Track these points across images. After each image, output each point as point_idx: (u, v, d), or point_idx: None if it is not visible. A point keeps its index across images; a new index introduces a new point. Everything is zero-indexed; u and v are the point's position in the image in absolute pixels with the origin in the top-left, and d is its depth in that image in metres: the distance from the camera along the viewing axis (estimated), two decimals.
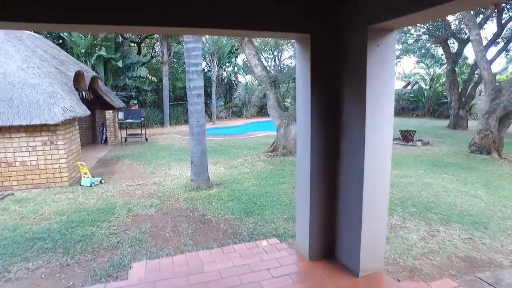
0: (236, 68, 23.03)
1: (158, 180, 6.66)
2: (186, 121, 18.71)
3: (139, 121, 11.42)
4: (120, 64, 14.74)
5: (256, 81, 23.57)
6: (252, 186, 6.23)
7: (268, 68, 9.38)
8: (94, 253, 3.62)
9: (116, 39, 15.28)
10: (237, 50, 21.66)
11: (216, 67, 18.76)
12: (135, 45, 19.70)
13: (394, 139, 12.37)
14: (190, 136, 5.87)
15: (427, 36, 18.30)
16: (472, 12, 9.28)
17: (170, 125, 17.64)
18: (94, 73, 10.06)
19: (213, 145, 10.88)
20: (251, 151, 9.66)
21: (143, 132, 12.13)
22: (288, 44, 9.09)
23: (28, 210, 4.98)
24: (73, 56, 14.43)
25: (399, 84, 35.62)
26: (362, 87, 2.49)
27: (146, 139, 12.13)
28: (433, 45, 19.92)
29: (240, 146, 10.71)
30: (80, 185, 6.33)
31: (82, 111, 6.56)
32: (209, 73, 19.75)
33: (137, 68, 16.83)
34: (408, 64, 31.29)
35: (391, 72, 2.55)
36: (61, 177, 6.16)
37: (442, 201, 5.36)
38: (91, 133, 11.94)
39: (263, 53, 13.82)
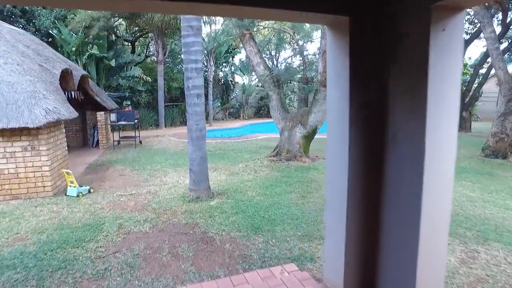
0: (233, 68, 22.44)
1: (153, 189, 6.03)
2: (182, 123, 18.09)
3: (132, 123, 10.78)
4: (113, 63, 14.07)
5: (254, 81, 23.09)
6: (257, 195, 5.64)
7: (270, 66, 8.78)
8: (75, 284, 3.00)
9: (108, 37, 14.61)
10: (234, 49, 21.10)
11: (213, 67, 18.15)
12: (129, 44, 19.03)
13: None
14: (189, 140, 5.26)
15: None
16: (485, 7, 8.80)
17: (165, 126, 17.00)
18: (84, 72, 9.40)
19: (211, 149, 10.26)
20: (253, 156, 9.07)
21: (137, 134, 11.48)
22: (292, 41, 8.52)
23: (2, 227, 4.32)
24: (63, 54, 13.76)
25: None
26: (421, 85, 1.90)
27: (140, 142, 11.49)
28: None
29: (240, 149, 10.11)
30: (65, 195, 5.68)
31: (68, 112, 5.92)
32: (206, 73, 19.15)
33: (131, 68, 16.17)
34: None
35: (458, 65, 1.97)
36: (44, 186, 5.51)
37: (470, 214, 4.81)
38: (82, 136, 11.26)
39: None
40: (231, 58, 21.71)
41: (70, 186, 5.66)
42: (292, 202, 5.32)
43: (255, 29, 8.32)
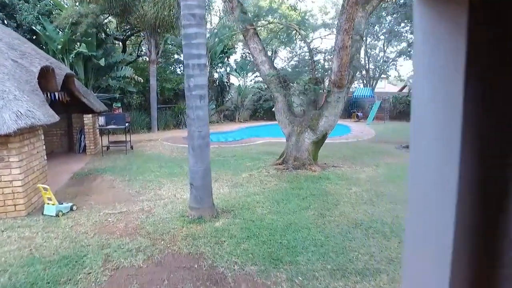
0: (228, 68, 21.65)
1: (146, 206, 5.19)
2: (176, 126, 17.21)
3: (123, 127, 9.89)
4: (102, 62, 13.14)
5: (250, 82, 22.31)
6: (269, 213, 4.85)
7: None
8: None
9: (98, 35, 13.68)
10: (229, 49, 20.33)
11: (208, 67, 17.32)
12: (120, 43, 18.10)
13: (406, 147, 11.23)
14: (190, 150, 4.45)
15: None
16: None
17: (158, 130, 16.10)
18: (69, 71, 8.51)
19: None
20: (256, 163, 8.28)
21: (128, 139, 10.61)
22: (299, 37, 7.77)
23: None
24: (48, 52, 12.80)
25: (394, 88, 35.02)
26: None
27: (132, 147, 10.61)
28: None
29: (240, 156, 9.31)
30: (42, 214, 4.81)
31: (46, 116, 5.06)
32: None
33: (122, 68, 15.26)
34: (405, 67, 30.51)
35: None
36: (15, 205, 4.63)
37: None
38: (67, 141, 10.34)
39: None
40: (226, 59, 20.93)
41: (48, 203, 4.79)
42: (311, 222, 4.54)
43: (259, 24, 7.54)
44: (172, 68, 20.05)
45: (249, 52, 7.63)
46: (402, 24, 18.51)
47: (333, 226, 4.41)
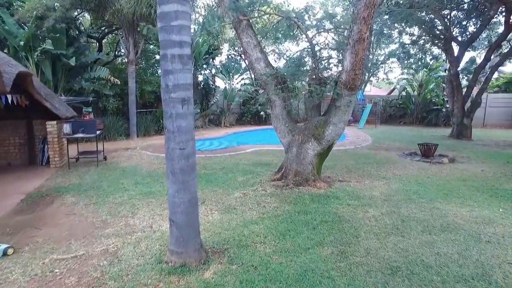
0: (214, 70, 20.44)
1: (112, 244, 3.94)
2: (157, 132, 15.84)
3: (93, 135, 8.53)
4: (73, 62, 11.70)
5: (237, 85, 21.12)
6: (274, 253, 3.69)
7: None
8: None
9: (68, 31, 12.23)
10: (215, 50, 19.14)
11: (192, 69, 16.07)
12: (95, 41, 16.64)
13: (410, 154, 10.34)
14: (168, 175, 3.24)
15: (427, 37, 16.70)
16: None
17: (137, 136, 14.71)
18: (22, 69, 7.13)
19: None
20: (249, 178, 7.11)
21: (101, 149, 9.26)
22: (299, 32, 6.67)
23: None
24: (8, 50, 11.31)
25: (380, 91, 34.57)
26: None
27: (105, 158, 9.26)
28: (432, 47, 18.34)
29: (230, 168, 8.12)
30: None
31: None
32: None
33: (97, 68, 13.83)
34: (394, 69, 30.03)
35: None
36: None
37: None
38: (28, 151, 8.89)
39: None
40: (211, 60, 19.72)
41: None
42: (331, 266, 3.41)
43: (255, 14, 6.42)
44: (153, 70, 18.68)
45: (241, 48, 6.48)
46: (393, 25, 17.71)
47: (363, 272, 3.29)
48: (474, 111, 15.71)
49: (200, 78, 19.70)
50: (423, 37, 17.17)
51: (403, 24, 15.34)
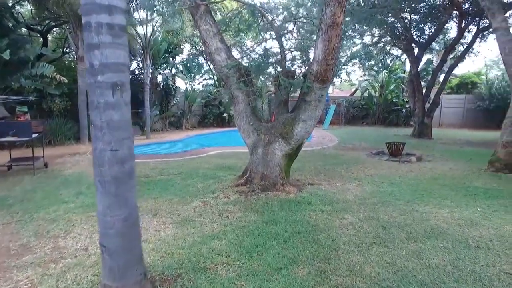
0: (174, 70, 19.40)
1: (25, 281, 2.99)
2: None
3: (27, 138, 7.34)
4: (6, 55, 10.25)
5: (198, 86, 20.22)
6: (239, 278, 2.98)
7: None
8: None
9: (1, 21, 10.75)
10: (175, 48, 18.14)
11: (150, 68, 14.99)
12: (39, 35, 15.03)
13: (377, 154, 10.12)
14: (97, 186, 2.42)
15: (388, 38, 16.86)
16: None
17: (89, 140, 13.34)
18: None
19: (148, 173, 7.32)
20: (210, 184, 6.36)
21: (39, 154, 8.05)
22: (265, 22, 6.04)
23: None
24: None
25: (345, 93, 35.11)
26: None
27: (46, 165, 8.05)
28: (392, 49, 18.60)
29: (189, 174, 7.30)
30: None
31: None
32: (141, 76, 15.93)
33: (40, 65, 12.35)
34: (356, 71, 30.43)
35: None
36: None
37: None
38: None
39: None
40: (171, 59, 18.69)
41: None
42: None
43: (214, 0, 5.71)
44: None
45: (200, 37, 5.75)
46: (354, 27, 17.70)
47: None
48: (434, 110, 16.07)
49: (160, 78, 18.61)
50: (384, 39, 17.34)
51: (364, 26, 15.33)
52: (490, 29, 14.76)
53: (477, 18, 14.64)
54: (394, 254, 3.43)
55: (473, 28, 15.21)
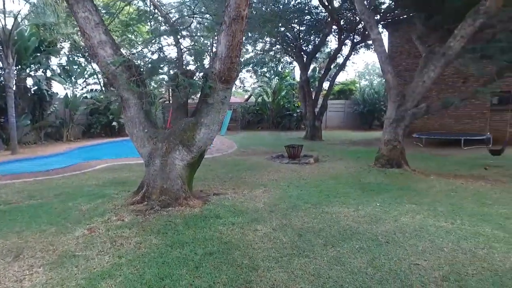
0: (49, 72, 16.59)
1: None
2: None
3: None
4: None
5: (82, 91, 17.69)
6: None
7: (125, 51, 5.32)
8: None
9: None
10: (50, 46, 15.55)
11: (14, 67, 12.39)
12: None
13: (277, 157, 10.30)
14: None
15: (280, 46, 17.71)
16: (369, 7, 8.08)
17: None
18: None
19: (10, 198, 5.76)
20: (99, 203, 5.29)
21: None
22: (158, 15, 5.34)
23: None
24: None
25: (238, 99, 35.85)
26: None
27: None
28: (283, 56, 19.63)
29: (71, 194, 6.02)
30: None
31: None
32: (0, 78, 13.05)
33: None
34: (249, 78, 31.38)
35: None
36: None
37: (489, 261, 3.03)
38: None
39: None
40: (45, 59, 15.92)
41: None
42: None
43: None
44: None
45: (78, 27, 4.70)
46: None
47: None
48: (323, 114, 17.46)
49: (30, 81, 15.63)
50: (275, 47, 18.17)
51: (257, 34, 15.75)
52: (362, 44, 16.97)
53: (351, 34, 16.58)
54: (316, 264, 3.19)
55: (349, 42, 17.16)
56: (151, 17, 5.45)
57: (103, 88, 17.87)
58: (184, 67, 5.19)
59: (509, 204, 5.21)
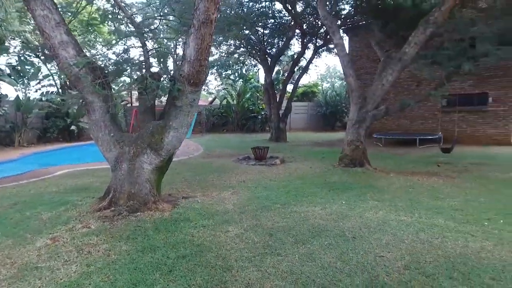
0: None
1: None
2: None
3: None
4: None
5: (35, 93, 16.65)
6: None
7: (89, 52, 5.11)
8: None
9: None
10: None
11: None
12: None
13: (244, 159, 10.38)
14: None
15: (243, 49, 17.84)
16: (331, 13, 8.41)
17: None
18: None
19: None
20: (61, 211, 5.04)
21: None
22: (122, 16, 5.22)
23: None
24: None
25: (202, 101, 35.54)
26: None
27: None
28: (248, 59, 19.78)
29: (30, 202, 5.68)
30: None
31: None
32: None
33: None
34: (213, 80, 31.23)
35: None
36: None
37: (455, 254, 3.32)
38: None
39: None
40: None
41: None
42: None
43: None
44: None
45: (37, 26, 4.48)
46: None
47: None
48: (288, 116, 17.80)
49: None
50: (240, 50, 18.29)
51: (221, 37, 15.76)
52: (324, 47, 17.56)
53: (314, 38, 17.08)
54: (288, 261, 3.29)
55: (311, 46, 17.68)
56: (116, 17, 5.30)
57: (60, 91, 16.98)
58: (150, 69, 5.11)
59: (458, 197, 5.68)
